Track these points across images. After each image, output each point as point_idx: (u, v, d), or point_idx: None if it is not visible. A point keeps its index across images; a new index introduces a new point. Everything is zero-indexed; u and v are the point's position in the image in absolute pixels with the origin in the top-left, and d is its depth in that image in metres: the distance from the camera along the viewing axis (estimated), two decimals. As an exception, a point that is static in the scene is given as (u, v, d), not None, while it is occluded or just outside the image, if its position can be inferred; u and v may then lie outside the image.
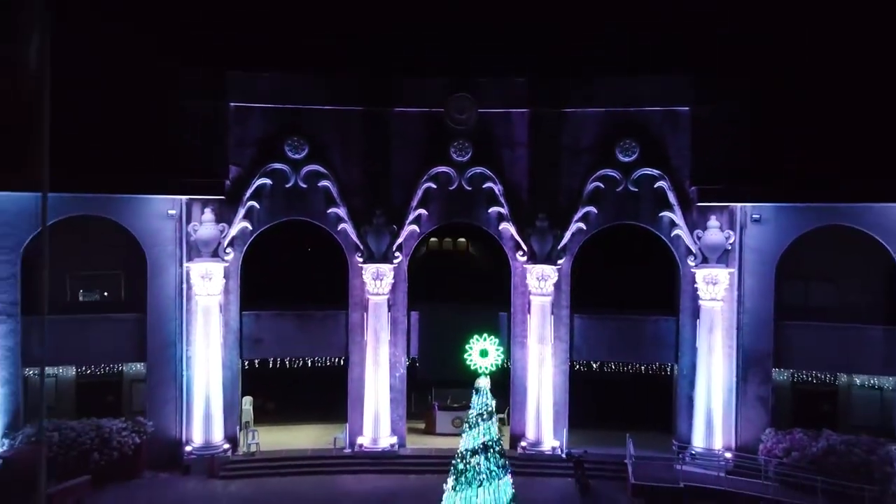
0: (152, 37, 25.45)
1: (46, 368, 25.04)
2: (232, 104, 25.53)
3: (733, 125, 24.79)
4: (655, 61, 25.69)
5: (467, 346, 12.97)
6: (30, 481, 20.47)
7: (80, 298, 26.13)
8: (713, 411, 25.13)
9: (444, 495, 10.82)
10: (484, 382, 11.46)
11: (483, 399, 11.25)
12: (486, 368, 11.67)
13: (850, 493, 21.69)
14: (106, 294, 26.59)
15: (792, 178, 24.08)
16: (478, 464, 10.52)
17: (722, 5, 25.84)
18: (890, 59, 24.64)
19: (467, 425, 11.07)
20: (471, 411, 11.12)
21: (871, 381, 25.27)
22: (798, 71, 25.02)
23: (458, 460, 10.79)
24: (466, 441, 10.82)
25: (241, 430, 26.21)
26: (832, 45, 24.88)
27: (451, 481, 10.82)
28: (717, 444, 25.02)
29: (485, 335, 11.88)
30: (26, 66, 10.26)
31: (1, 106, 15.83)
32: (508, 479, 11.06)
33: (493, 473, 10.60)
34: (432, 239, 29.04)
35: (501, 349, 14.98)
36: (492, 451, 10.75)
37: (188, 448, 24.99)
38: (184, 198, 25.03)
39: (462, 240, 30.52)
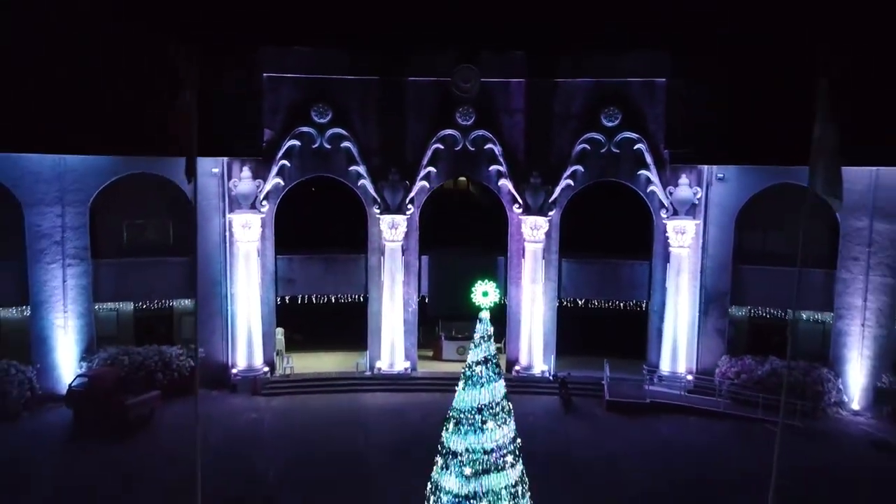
0: (193, 15, 28.35)
1: (109, 303, 29.11)
2: (265, 75, 28.72)
3: (703, 96, 27.89)
4: (637, 38, 28.62)
5: (471, 287, 16.47)
6: (108, 395, 24.83)
7: (136, 244, 29.71)
8: (678, 341, 29.24)
9: (457, 394, 14.69)
10: (485, 315, 15.11)
11: (485, 327, 14.99)
12: (487, 305, 15.33)
13: (787, 408, 25.89)
14: (158, 240, 30.16)
15: (751, 144, 27.44)
16: (481, 371, 14.43)
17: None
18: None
19: (472, 344, 14.84)
20: (475, 335, 14.84)
21: (814, 317, 29.15)
22: (761, 49, 28.02)
23: (466, 370, 14.62)
24: (472, 356, 14.64)
25: (277, 355, 30.38)
26: (788, 30, 27.81)
27: (461, 385, 14.69)
28: (681, 369, 29.20)
29: (486, 279, 15.36)
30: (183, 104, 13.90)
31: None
32: (502, 382, 14.94)
33: (491, 378, 14.48)
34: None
35: (499, 290, 18.62)
36: (490, 363, 14.60)
37: (234, 371, 29.16)
38: (225, 158, 28.54)
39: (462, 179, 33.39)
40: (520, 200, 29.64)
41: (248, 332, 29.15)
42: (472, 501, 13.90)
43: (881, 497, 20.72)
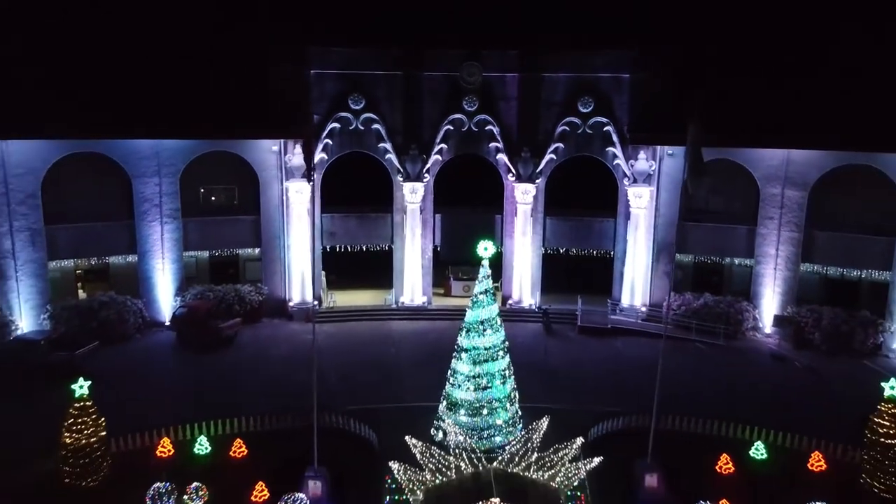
0: (253, 23, 34.91)
1: (189, 252, 36.25)
2: (312, 71, 35.34)
3: (657, 89, 34.51)
4: (607, 41, 35.06)
5: (474, 239, 22.84)
6: (204, 320, 32.25)
7: (212, 205, 36.68)
8: (635, 281, 36.58)
9: (467, 313, 21.98)
10: (485, 262, 22.13)
11: (485, 270, 22.15)
12: (487, 257, 22.37)
13: (714, 331, 33.44)
14: (227, 202, 37.08)
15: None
16: (483, 298, 21.74)
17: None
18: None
19: (477, 281, 22.02)
20: (480, 274, 22.00)
21: (743, 262, 36.39)
22: (707, 51, 34.59)
23: (474, 297, 21.84)
24: (477, 288, 21.84)
25: (323, 292, 37.86)
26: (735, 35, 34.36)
27: (470, 306, 21.97)
28: (637, 302, 36.56)
29: (486, 235, 22.34)
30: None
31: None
32: (497, 305, 22.18)
33: (489, 302, 21.80)
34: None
35: (496, 243, 25.43)
36: (489, 293, 21.89)
37: (291, 303, 36.63)
38: (281, 140, 35.39)
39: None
40: (513, 170, 36.54)
41: (300, 274, 36.51)
42: (476, 379, 21.48)
43: (771, 390, 28.10)
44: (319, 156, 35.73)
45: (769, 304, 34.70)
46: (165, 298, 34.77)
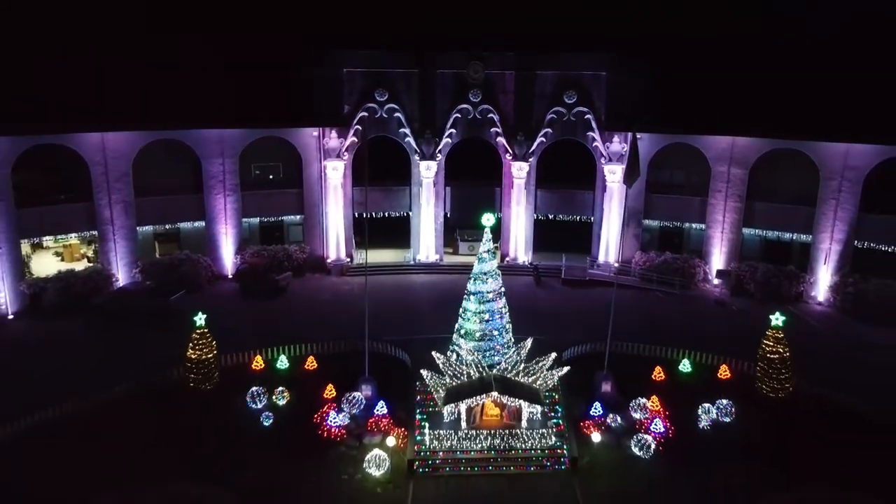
0: (297, 32, 41.50)
1: (245, 218, 43.31)
2: (344, 70, 41.95)
3: (630, 85, 41.27)
4: (589, 44, 41.62)
5: (478, 208, 29.68)
6: (263, 273, 39.61)
7: (262, 180, 43.72)
8: (609, 242, 43.71)
9: (474, 265, 29.15)
10: (487, 227, 29.06)
11: (488, 233, 29.20)
12: (488, 225, 29.34)
13: (671, 282, 40.75)
14: (275, 178, 44.16)
15: (659, 119, 41.00)
16: (486, 255, 28.93)
17: (631, 13, 41.71)
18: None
19: (482, 242, 29.06)
20: (484, 236, 28.97)
21: (697, 226, 43.45)
22: (672, 56, 41.18)
23: (479, 254, 28.89)
24: (482, 248, 28.90)
25: (355, 250, 45.11)
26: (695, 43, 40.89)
27: (476, 262, 29.09)
28: (611, 259, 43.75)
29: (488, 208, 29.12)
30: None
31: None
32: (497, 261, 29.26)
33: (491, 258, 28.91)
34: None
35: (496, 213, 32.41)
36: (490, 251, 29.03)
37: (328, 260, 43.89)
38: (320, 127, 42.22)
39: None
40: (510, 151, 43.37)
41: (336, 236, 43.71)
42: (481, 314, 28.64)
43: (705, 325, 35.48)
44: (350, 140, 42.53)
45: (716, 259, 41.90)
46: (228, 256, 42.02)
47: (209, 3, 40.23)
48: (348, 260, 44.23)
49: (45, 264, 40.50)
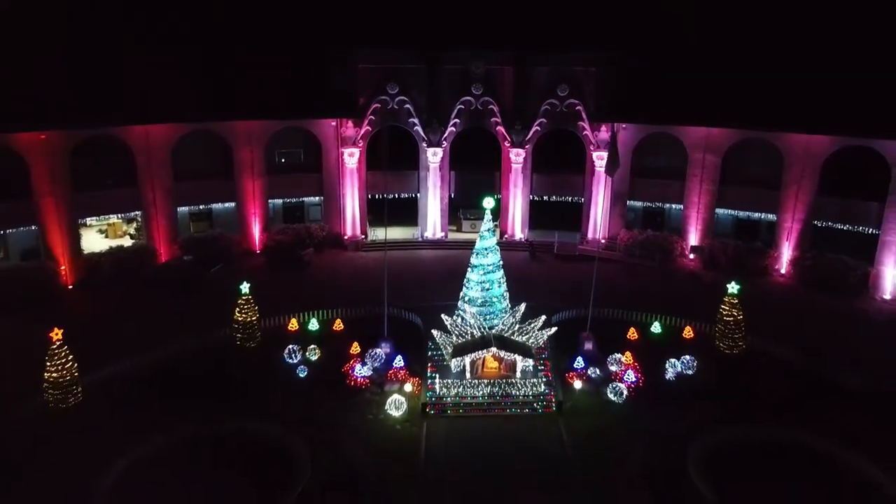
0: (316, 31, 45.50)
1: (270, 199, 47.58)
2: (360, 65, 45.98)
3: (616, 80, 45.31)
4: (580, 42, 45.56)
5: (480, 190, 33.72)
6: (289, 248, 44.17)
7: (284, 165, 48.02)
8: (598, 220, 47.99)
9: (477, 241, 33.55)
10: (488, 208, 33.33)
11: (488, 213, 33.51)
12: (489, 207, 33.63)
13: (652, 257, 45.13)
14: (296, 163, 48.37)
15: (639, 110, 45.09)
16: (487, 232, 33.29)
17: (619, 15, 45.68)
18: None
19: (483, 221, 33.39)
20: (485, 216, 33.25)
21: (677, 207, 47.76)
22: (655, 54, 45.14)
23: (481, 231, 33.22)
24: (483, 226, 33.25)
25: (369, 228, 49.44)
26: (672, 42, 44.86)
27: (478, 238, 33.46)
28: (599, 235, 48.19)
29: (489, 191, 33.34)
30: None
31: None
32: (496, 238, 33.60)
33: (491, 235, 33.26)
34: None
35: (495, 196, 36.74)
36: (491, 229, 33.33)
37: (345, 237, 48.27)
38: (338, 118, 46.34)
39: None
40: (509, 139, 47.50)
41: (352, 215, 48.07)
42: (482, 284, 33.10)
43: (676, 294, 39.93)
44: (365, 129, 46.66)
45: (692, 237, 46.29)
46: (255, 233, 46.46)
47: (242, 11, 44.28)
48: (363, 237, 48.54)
49: (91, 241, 44.87)
